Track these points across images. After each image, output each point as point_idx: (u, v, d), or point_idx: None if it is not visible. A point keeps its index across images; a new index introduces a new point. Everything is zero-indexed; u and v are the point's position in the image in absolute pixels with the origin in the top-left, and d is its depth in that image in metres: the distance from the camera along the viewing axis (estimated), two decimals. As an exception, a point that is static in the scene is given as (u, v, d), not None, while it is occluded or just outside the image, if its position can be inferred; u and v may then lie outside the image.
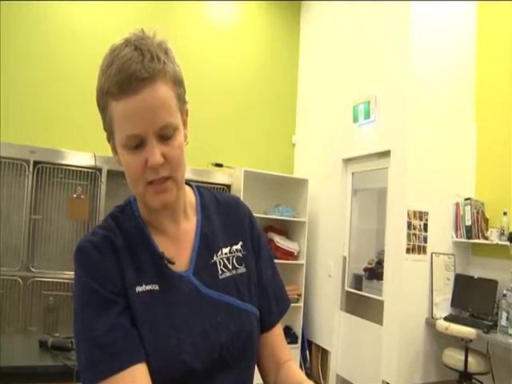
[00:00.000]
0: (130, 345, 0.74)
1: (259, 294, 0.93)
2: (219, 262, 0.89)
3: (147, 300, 0.79)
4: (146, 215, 0.88)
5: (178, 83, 0.80)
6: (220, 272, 0.88)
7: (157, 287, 0.81)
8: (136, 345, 0.75)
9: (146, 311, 0.78)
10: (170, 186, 0.80)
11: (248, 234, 0.96)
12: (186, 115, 0.85)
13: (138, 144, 0.76)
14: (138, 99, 0.73)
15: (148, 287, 0.80)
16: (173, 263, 0.83)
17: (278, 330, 0.96)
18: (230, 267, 0.90)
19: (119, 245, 0.82)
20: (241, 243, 0.94)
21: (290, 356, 0.96)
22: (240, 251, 0.93)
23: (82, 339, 0.75)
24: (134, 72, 0.73)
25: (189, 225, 0.91)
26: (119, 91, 0.73)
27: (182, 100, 0.82)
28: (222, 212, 0.96)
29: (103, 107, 0.78)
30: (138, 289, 0.79)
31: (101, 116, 0.81)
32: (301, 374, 0.91)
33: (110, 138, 0.82)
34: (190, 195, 0.95)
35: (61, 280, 3.79)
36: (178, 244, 0.88)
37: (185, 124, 0.84)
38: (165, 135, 0.77)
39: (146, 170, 0.77)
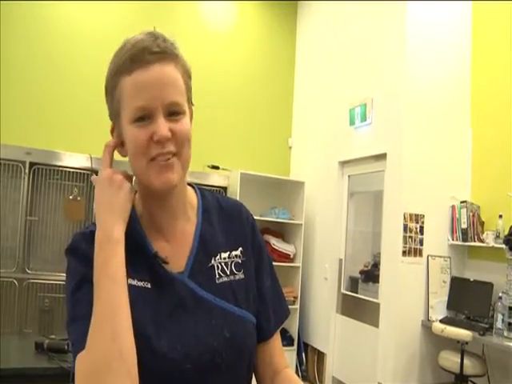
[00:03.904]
0: None
1: (258, 303, 0.91)
2: (217, 266, 0.87)
3: (138, 295, 0.77)
4: (143, 211, 0.86)
5: (187, 74, 0.82)
6: (217, 276, 0.86)
7: (149, 285, 0.80)
8: None
9: (136, 306, 0.74)
10: (174, 163, 0.79)
11: (249, 241, 0.94)
12: (191, 115, 0.86)
13: (144, 117, 0.76)
14: (148, 72, 0.76)
15: (140, 283, 0.79)
16: (166, 263, 0.82)
17: (275, 339, 0.94)
18: (228, 272, 0.88)
19: None
20: (241, 249, 0.91)
21: (287, 363, 0.95)
22: (239, 257, 0.90)
23: (69, 302, 0.76)
24: (147, 46, 0.76)
25: (188, 226, 0.88)
26: (131, 63, 0.76)
27: (190, 92, 0.83)
28: (223, 217, 0.94)
29: (112, 88, 0.79)
30: (131, 281, 0.77)
31: (108, 101, 0.82)
32: (298, 381, 0.90)
33: (116, 122, 0.82)
34: (191, 196, 0.92)
35: (57, 282, 3.78)
36: (175, 245, 0.86)
37: (191, 119, 0.85)
38: (173, 112, 0.78)
39: (151, 144, 0.76)
